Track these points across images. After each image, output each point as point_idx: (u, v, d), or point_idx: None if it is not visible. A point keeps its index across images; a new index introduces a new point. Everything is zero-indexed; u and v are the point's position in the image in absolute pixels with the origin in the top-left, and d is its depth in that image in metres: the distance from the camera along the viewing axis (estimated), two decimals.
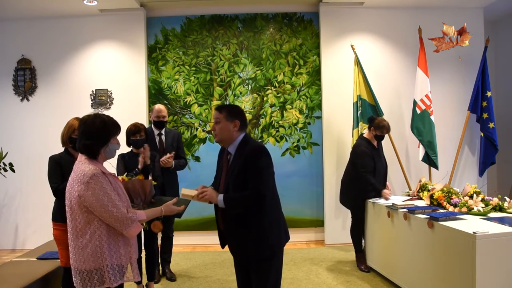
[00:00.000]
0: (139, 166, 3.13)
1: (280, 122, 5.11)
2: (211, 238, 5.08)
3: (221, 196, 2.15)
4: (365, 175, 3.82)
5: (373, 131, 3.93)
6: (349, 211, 4.21)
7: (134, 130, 3.31)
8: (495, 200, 3.21)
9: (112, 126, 2.03)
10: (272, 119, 5.11)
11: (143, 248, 3.47)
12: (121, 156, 3.37)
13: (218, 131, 2.22)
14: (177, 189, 3.97)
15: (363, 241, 4.09)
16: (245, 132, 2.29)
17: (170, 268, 3.93)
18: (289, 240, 2.35)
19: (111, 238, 1.94)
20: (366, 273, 3.91)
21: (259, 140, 5.08)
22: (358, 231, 4.07)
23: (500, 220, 2.86)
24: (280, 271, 2.28)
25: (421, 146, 4.72)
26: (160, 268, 3.89)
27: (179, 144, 3.96)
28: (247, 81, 5.12)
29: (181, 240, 4.93)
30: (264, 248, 2.18)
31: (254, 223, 2.17)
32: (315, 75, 5.12)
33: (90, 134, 1.97)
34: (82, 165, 1.94)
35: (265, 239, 2.18)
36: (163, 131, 3.89)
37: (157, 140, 3.85)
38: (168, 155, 3.67)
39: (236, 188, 2.17)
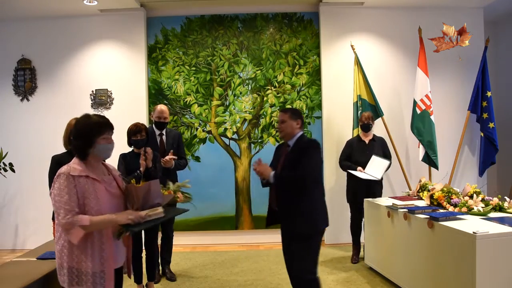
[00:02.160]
0: (141, 169, 3.11)
1: None
2: (211, 238, 5.09)
3: (272, 173, 2.58)
4: (340, 161, 4.32)
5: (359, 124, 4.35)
6: (348, 211, 4.35)
7: (135, 130, 3.30)
8: (495, 200, 3.21)
9: (94, 126, 1.95)
10: (272, 119, 5.11)
11: (143, 248, 3.47)
12: (123, 156, 3.35)
13: (283, 128, 2.70)
14: None
15: (361, 235, 4.26)
16: (302, 130, 2.78)
17: (170, 268, 3.93)
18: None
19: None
20: (354, 264, 4.16)
21: (259, 140, 5.09)
22: (352, 223, 4.32)
23: (500, 220, 2.86)
24: (317, 251, 2.66)
25: (421, 146, 4.72)
26: (160, 268, 3.89)
27: (179, 145, 3.95)
28: (247, 81, 5.12)
29: (181, 240, 4.92)
30: (305, 226, 2.57)
31: (299, 204, 2.57)
32: (315, 75, 5.13)
33: (75, 134, 1.97)
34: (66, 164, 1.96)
35: (308, 219, 2.59)
36: (164, 132, 3.88)
37: (158, 140, 3.83)
38: (170, 155, 3.66)
39: (288, 169, 2.61)
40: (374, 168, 3.99)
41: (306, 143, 2.67)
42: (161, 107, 3.88)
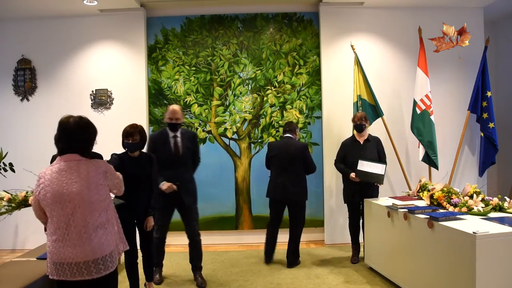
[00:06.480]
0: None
1: (280, 122, 5.11)
2: (211, 238, 5.09)
3: None
4: (335, 163, 4.35)
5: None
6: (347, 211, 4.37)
7: (127, 132, 3.10)
8: (495, 200, 3.21)
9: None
10: (272, 119, 5.11)
11: (138, 253, 3.30)
12: (119, 157, 3.15)
13: None
14: (195, 195, 3.79)
15: (360, 235, 4.28)
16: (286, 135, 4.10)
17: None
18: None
19: None
20: (354, 264, 4.18)
21: (259, 140, 5.09)
22: (350, 224, 4.33)
23: (500, 220, 2.87)
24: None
25: (421, 146, 4.72)
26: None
27: (194, 146, 3.79)
28: (247, 81, 5.12)
29: (181, 240, 4.91)
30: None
31: None
32: (315, 75, 5.13)
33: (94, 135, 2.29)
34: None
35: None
36: (178, 133, 3.68)
37: (172, 142, 3.64)
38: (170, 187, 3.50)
39: None
40: (370, 168, 3.98)
41: None
42: (173, 107, 3.70)
